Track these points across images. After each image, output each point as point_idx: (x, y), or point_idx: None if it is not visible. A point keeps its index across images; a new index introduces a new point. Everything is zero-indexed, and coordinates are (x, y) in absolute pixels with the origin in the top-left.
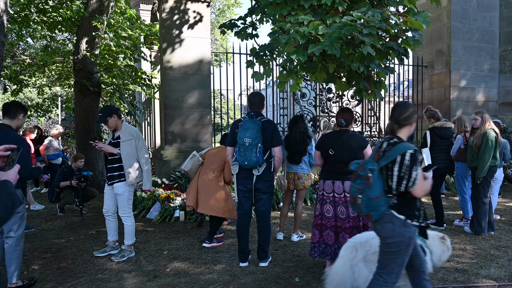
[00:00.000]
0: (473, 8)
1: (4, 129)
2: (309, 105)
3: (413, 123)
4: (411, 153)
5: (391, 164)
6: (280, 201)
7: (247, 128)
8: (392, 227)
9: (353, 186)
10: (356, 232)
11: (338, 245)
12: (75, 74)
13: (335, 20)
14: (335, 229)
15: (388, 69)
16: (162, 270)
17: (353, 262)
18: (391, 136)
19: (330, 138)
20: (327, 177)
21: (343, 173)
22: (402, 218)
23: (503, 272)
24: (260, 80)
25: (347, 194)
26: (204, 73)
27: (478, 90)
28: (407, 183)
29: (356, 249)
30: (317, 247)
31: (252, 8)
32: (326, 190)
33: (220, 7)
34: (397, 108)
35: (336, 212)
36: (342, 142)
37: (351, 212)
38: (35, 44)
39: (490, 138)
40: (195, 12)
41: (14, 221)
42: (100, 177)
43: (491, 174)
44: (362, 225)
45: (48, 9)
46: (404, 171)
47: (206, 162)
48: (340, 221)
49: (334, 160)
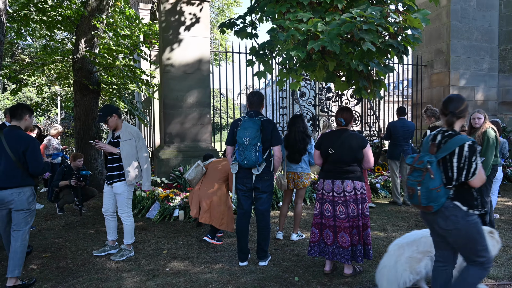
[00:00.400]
0: (472, 8)
1: (15, 130)
2: (309, 105)
3: (466, 116)
4: (469, 144)
5: (449, 156)
6: (279, 200)
7: (247, 128)
8: (456, 219)
9: (411, 179)
10: (355, 232)
11: (336, 245)
12: (74, 73)
13: (334, 17)
14: (334, 228)
15: (388, 68)
16: (162, 269)
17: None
18: (446, 129)
19: (330, 137)
20: (326, 176)
21: (343, 172)
22: (464, 209)
23: (503, 271)
24: (262, 78)
25: (347, 193)
26: (204, 72)
27: (478, 89)
28: (467, 173)
29: (403, 248)
30: (317, 246)
31: (252, 7)
32: (326, 190)
33: (220, 6)
34: (452, 101)
35: (335, 212)
36: (342, 141)
37: (351, 211)
38: (34, 43)
39: (491, 136)
40: (194, 11)
41: (23, 216)
42: (100, 176)
43: (493, 173)
44: (361, 225)
45: (47, 8)
46: (464, 162)
47: (209, 173)
48: (339, 220)
49: (334, 159)
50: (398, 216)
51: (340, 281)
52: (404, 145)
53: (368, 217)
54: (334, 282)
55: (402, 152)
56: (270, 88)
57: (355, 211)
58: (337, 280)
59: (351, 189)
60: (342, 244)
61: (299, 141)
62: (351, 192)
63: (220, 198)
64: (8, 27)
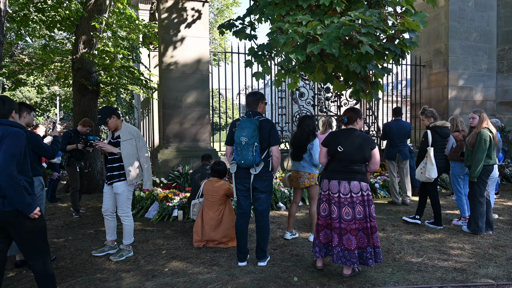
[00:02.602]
0: (470, 8)
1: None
2: (308, 105)
3: None
4: None
5: None
6: (278, 201)
7: (244, 127)
8: None
9: None
10: (362, 235)
11: (341, 247)
12: (73, 74)
13: (333, 20)
14: (339, 231)
15: (385, 70)
16: (161, 269)
17: None
18: None
19: (339, 135)
20: (332, 177)
21: (350, 172)
22: None
23: (502, 272)
24: (261, 79)
25: (354, 194)
26: (203, 73)
27: (476, 89)
28: None
29: None
30: (324, 247)
31: (251, 8)
32: (332, 191)
33: (219, 7)
34: None
35: (340, 213)
36: (351, 139)
37: (357, 213)
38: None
39: (484, 137)
40: (194, 11)
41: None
42: (99, 176)
43: (487, 174)
44: (370, 227)
45: (47, 9)
46: None
47: (207, 197)
48: (345, 222)
49: (342, 158)
50: (397, 216)
51: (339, 281)
52: (400, 145)
53: (375, 219)
54: (333, 282)
55: (398, 152)
56: (269, 88)
57: (361, 213)
58: (336, 280)
59: (358, 190)
60: (347, 247)
61: (303, 138)
62: (358, 193)
63: (223, 219)
64: (8, 27)
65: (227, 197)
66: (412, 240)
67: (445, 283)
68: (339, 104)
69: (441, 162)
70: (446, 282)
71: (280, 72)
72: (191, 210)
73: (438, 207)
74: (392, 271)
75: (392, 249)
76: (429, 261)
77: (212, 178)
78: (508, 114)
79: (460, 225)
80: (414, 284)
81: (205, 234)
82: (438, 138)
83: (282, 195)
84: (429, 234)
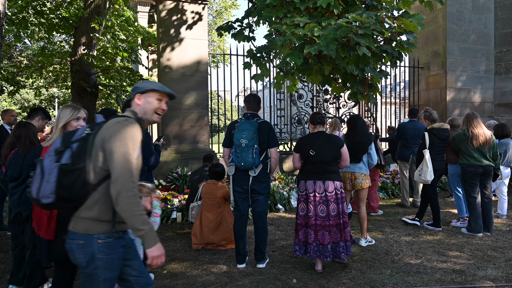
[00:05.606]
0: (468, 10)
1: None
2: (306, 106)
3: None
4: None
5: None
6: (277, 202)
7: (244, 129)
8: None
9: None
10: (336, 230)
11: (316, 242)
12: (72, 76)
13: (331, 22)
14: (315, 227)
15: (382, 73)
16: (159, 271)
17: None
18: None
19: (309, 140)
20: (308, 177)
21: (324, 172)
22: None
23: (501, 273)
24: (260, 81)
25: (328, 193)
26: (202, 74)
27: (474, 91)
28: None
29: None
30: (303, 245)
31: (249, 10)
32: (308, 190)
33: (218, 9)
34: None
35: (316, 211)
36: (321, 142)
37: (331, 210)
38: (32, 45)
39: None
40: (193, 13)
41: None
42: None
43: (469, 175)
44: (342, 223)
45: (45, 11)
46: None
47: (205, 199)
48: (320, 219)
49: (315, 160)
50: (396, 218)
51: (338, 283)
52: (414, 147)
53: (347, 215)
54: (332, 284)
55: (412, 153)
56: (267, 90)
57: (335, 210)
58: (335, 282)
59: (332, 190)
60: (322, 242)
61: (365, 140)
62: (332, 192)
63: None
64: (7, 30)
65: (225, 200)
66: (411, 242)
67: (444, 284)
68: (337, 106)
69: (440, 164)
70: (445, 283)
71: (279, 75)
72: (189, 212)
73: (437, 209)
74: (391, 273)
75: (391, 250)
76: (428, 263)
77: (210, 180)
78: (506, 115)
79: (459, 226)
80: (413, 285)
81: (204, 237)
82: (436, 140)
83: (281, 197)
84: (428, 236)
